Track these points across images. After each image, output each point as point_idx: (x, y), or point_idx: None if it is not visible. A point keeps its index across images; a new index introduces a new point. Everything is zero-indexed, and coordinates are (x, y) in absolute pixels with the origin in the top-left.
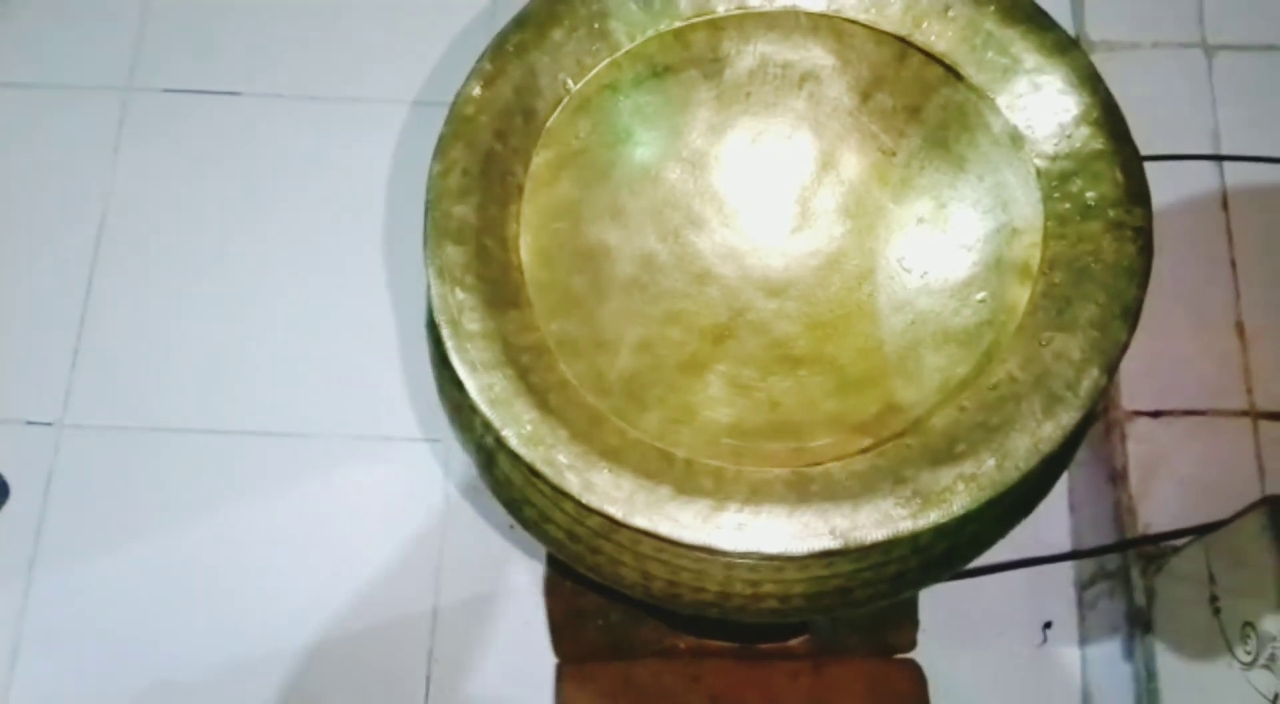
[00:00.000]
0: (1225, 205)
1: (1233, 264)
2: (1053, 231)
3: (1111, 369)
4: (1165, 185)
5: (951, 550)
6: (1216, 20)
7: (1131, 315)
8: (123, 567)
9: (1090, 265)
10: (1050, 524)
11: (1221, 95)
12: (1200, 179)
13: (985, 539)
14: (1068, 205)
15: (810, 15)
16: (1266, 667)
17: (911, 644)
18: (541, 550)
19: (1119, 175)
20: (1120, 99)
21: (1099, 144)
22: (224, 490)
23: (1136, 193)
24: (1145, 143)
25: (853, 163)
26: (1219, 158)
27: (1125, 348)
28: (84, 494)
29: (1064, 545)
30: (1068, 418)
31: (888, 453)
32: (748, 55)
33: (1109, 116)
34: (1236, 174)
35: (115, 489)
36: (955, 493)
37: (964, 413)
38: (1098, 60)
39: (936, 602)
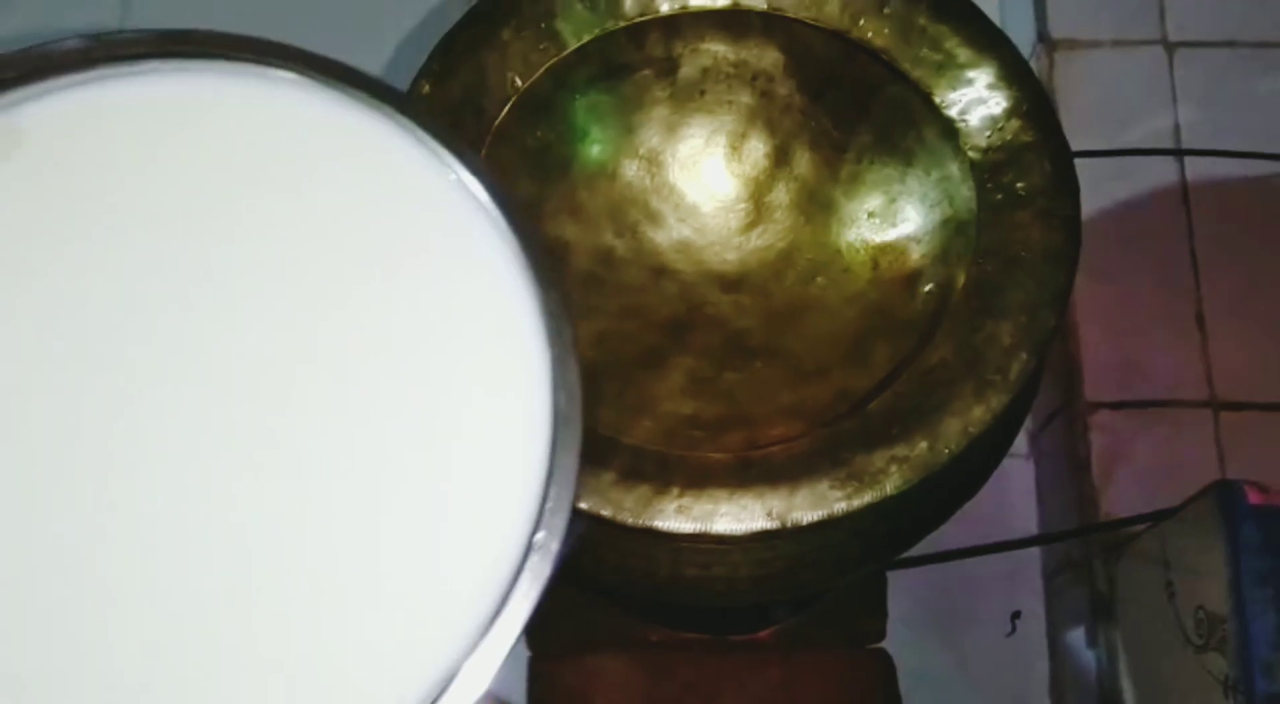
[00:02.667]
0: (1186, 199)
1: (1193, 257)
2: (986, 221)
3: (1040, 353)
4: (1127, 180)
5: (893, 534)
6: (1177, 17)
7: (1059, 301)
8: None
9: (1020, 254)
10: (1020, 515)
11: (1182, 91)
12: (1161, 174)
13: (927, 523)
14: (1000, 196)
15: (759, 15)
16: (1218, 649)
17: (881, 634)
18: None
19: (1047, 166)
20: (1083, 96)
21: (1028, 136)
22: None
23: (1064, 182)
24: (1107, 138)
25: (805, 159)
26: (1180, 152)
27: (1054, 332)
28: None
29: (1034, 535)
30: (997, 401)
31: (827, 436)
32: (702, 54)
33: (1038, 109)
34: (1197, 168)
35: None
36: (888, 474)
37: (900, 397)
38: (1060, 58)
39: (906, 592)
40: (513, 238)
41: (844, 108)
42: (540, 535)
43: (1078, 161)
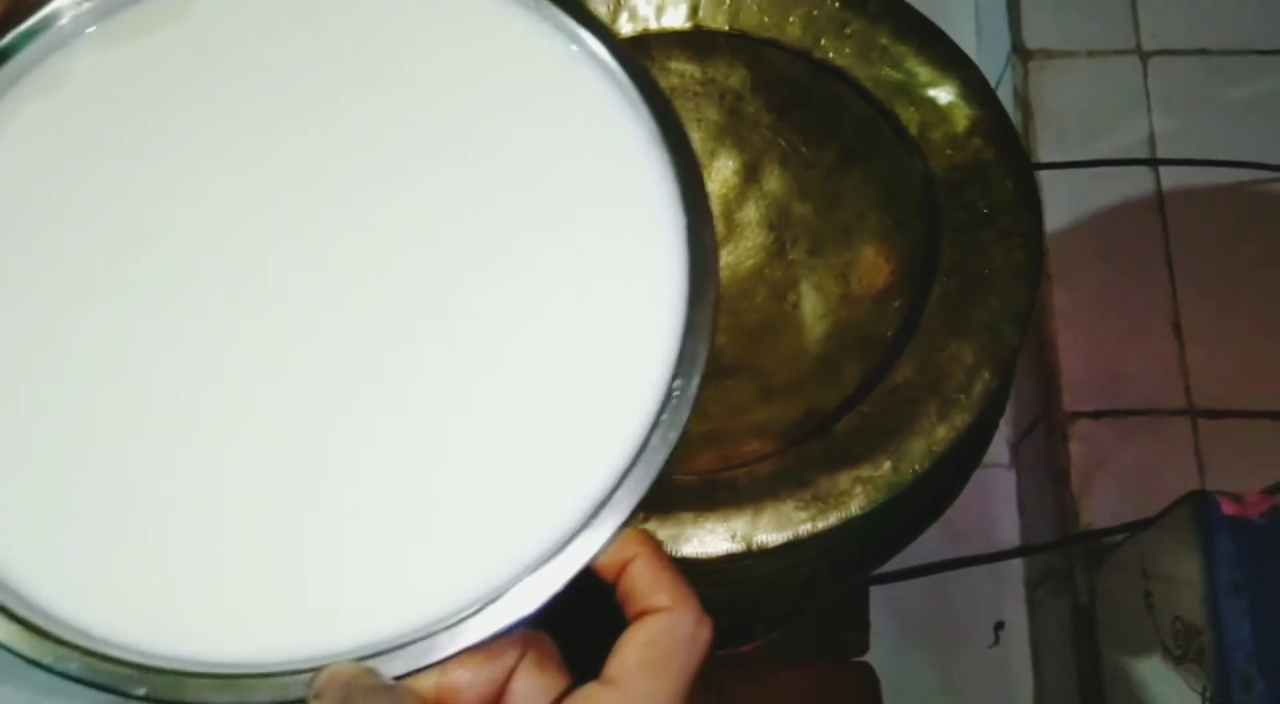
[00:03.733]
0: (1161, 208)
1: (1169, 265)
2: (949, 240)
3: (1002, 372)
4: (1103, 190)
5: (862, 552)
6: (1150, 26)
7: (1021, 319)
8: None
9: (983, 272)
10: (1002, 525)
11: (1157, 99)
12: (1137, 183)
13: (896, 541)
14: (963, 214)
15: (724, 35)
16: (1195, 660)
17: (864, 647)
18: None
19: (1009, 184)
20: (1059, 105)
21: (990, 154)
22: None
23: (1026, 201)
24: (1083, 147)
25: (775, 175)
26: (1155, 162)
27: (1017, 351)
28: None
29: (1015, 547)
30: (960, 420)
31: (792, 457)
32: (670, 73)
33: (999, 127)
34: (1172, 177)
35: None
36: (853, 495)
37: (864, 417)
38: (1035, 69)
39: (888, 604)
40: (641, 105)
41: (811, 125)
42: (679, 382)
43: (1054, 172)
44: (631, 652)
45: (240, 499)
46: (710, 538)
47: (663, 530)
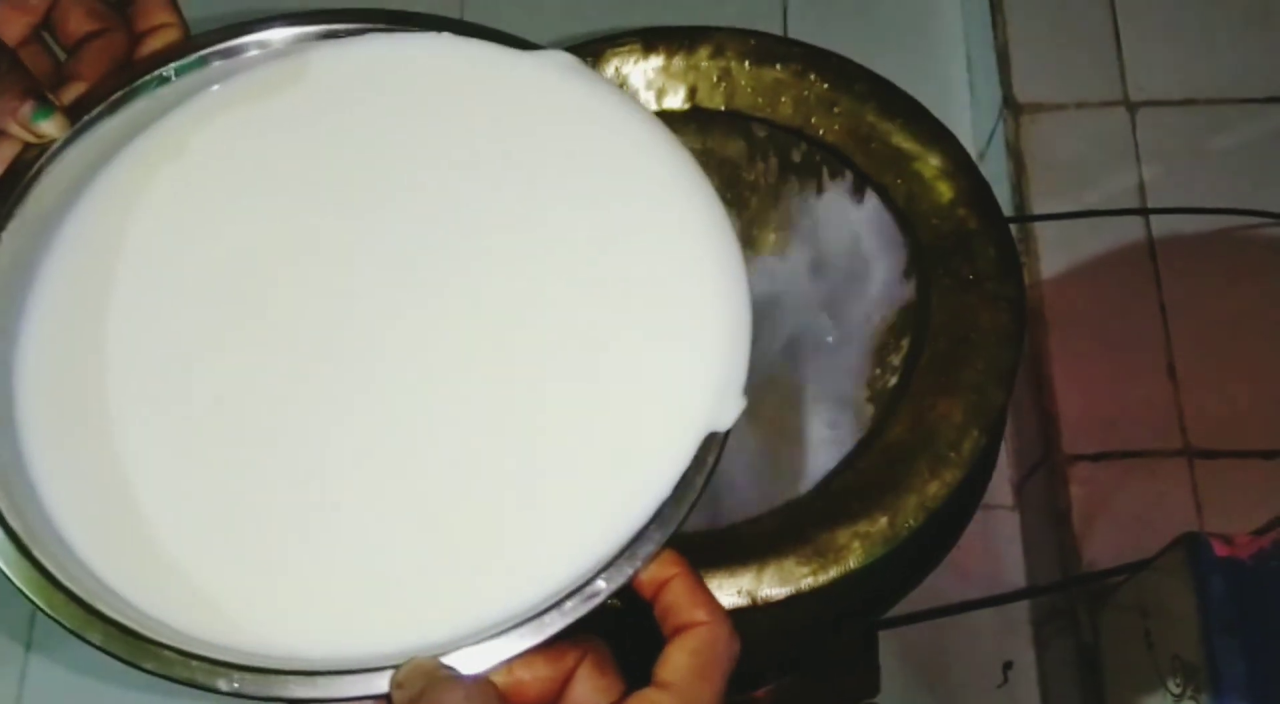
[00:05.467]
0: (1153, 255)
1: (1162, 310)
2: (937, 304)
3: (991, 430)
4: (1095, 239)
5: (863, 602)
6: (1137, 78)
7: (1007, 379)
8: None
9: (970, 335)
10: (1008, 566)
11: (1145, 149)
12: (1128, 231)
13: (897, 592)
14: (949, 280)
15: (720, 113)
16: (1193, 698)
17: (875, 689)
18: None
19: (991, 251)
20: (1049, 157)
21: (973, 224)
22: None
23: (1009, 267)
24: (1074, 198)
25: (771, 239)
26: (1145, 211)
27: (1004, 409)
28: None
29: (1019, 588)
30: (951, 476)
31: (791, 513)
32: None
33: (981, 198)
34: (1162, 225)
35: None
36: (851, 550)
37: (860, 474)
38: (1026, 121)
39: (898, 647)
40: (686, 167)
41: (805, 192)
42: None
43: (1048, 223)
44: (681, 659)
45: (349, 505)
46: (717, 592)
47: None
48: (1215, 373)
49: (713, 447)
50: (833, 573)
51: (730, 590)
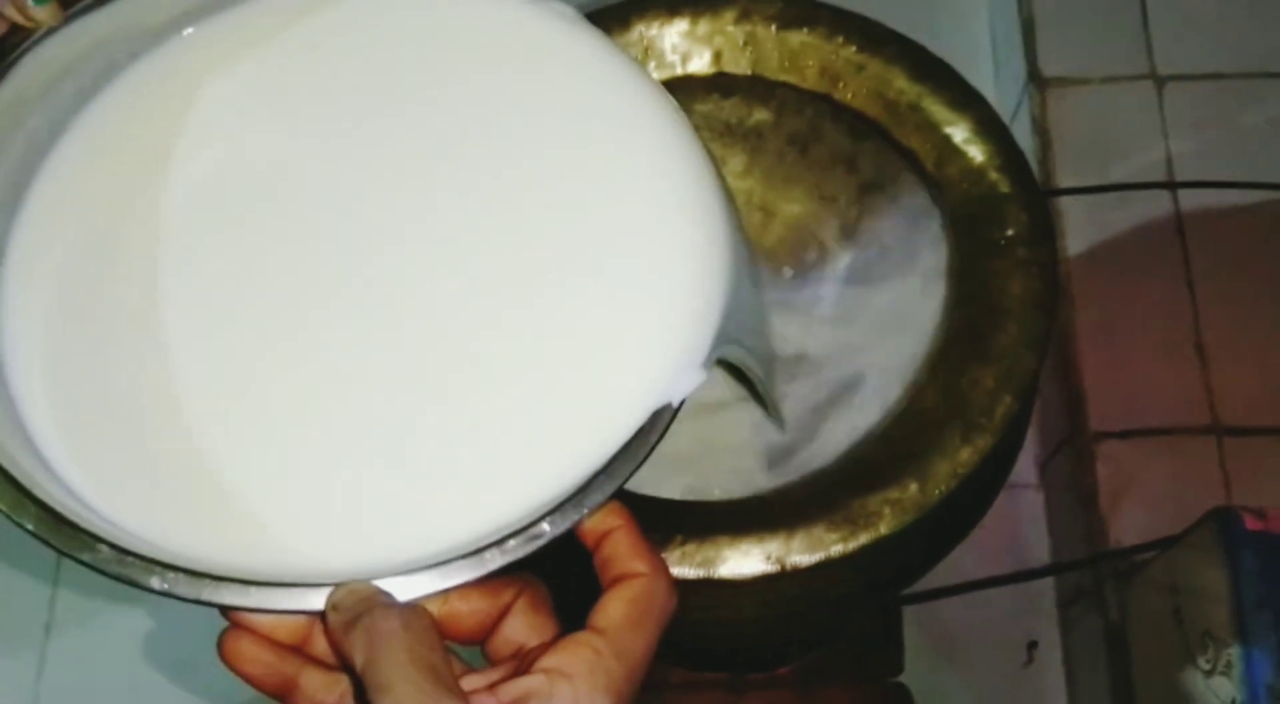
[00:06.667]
0: (1180, 230)
1: (1190, 286)
2: (968, 270)
3: (1023, 395)
4: (1123, 213)
5: (892, 571)
6: (1164, 52)
7: (1040, 344)
8: None
9: (1001, 301)
10: (1032, 545)
11: (1172, 123)
12: (1155, 206)
13: (925, 562)
14: (981, 245)
15: (744, 78)
16: (1224, 674)
17: (898, 668)
18: None
19: (1024, 216)
20: (1076, 132)
21: (1005, 188)
22: None
23: (1041, 231)
24: (1101, 173)
25: (796, 210)
26: (1173, 185)
27: (1036, 375)
28: None
29: (1045, 565)
30: (983, 442)
31: (821, 480)
32: (694, 114)
33: (1013, 162)
34: (1190, 199)
35: None
36: (882, 517)
37: (890, 441)
38: (1052, 96)
39: (923, 625)
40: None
41: (832, 162)
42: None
43: (1074, 197)
44: (617, 607)
45: (314, 420)
46: (746, 560)
47: (700, 552)
48: (1244, 349)
49: (666, 409)
50: (863, 539)
51: (759, 557)
